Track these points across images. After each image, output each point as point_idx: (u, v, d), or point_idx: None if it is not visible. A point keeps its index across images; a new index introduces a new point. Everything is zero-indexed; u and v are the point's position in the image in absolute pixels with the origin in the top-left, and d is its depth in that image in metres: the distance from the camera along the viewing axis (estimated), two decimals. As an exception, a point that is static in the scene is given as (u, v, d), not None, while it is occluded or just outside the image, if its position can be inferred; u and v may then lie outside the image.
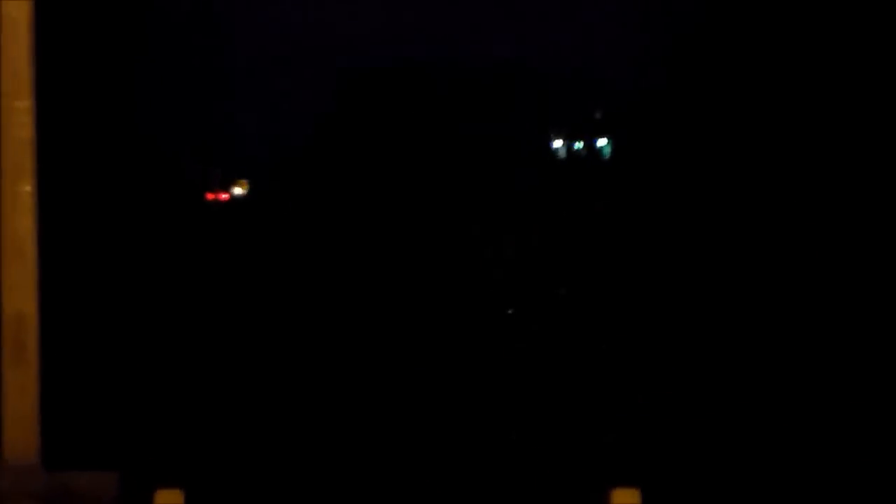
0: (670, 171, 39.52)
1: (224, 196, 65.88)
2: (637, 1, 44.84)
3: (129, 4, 33.92)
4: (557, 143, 62.92)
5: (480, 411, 12.13)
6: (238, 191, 79.04)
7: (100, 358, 13.69)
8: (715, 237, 31.21)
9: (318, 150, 79.23)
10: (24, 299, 4.42)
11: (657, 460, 10.12)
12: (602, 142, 56.26)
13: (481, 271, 27.01)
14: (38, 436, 4.49)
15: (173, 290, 22.26)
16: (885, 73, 28.89)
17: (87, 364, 12.92)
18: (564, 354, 15.81)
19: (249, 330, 16.70)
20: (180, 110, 38.92)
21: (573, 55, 56.85)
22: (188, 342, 15.44)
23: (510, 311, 22.84)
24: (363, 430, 10.72)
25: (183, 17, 39.50)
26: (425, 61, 71.56)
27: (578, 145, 60.10)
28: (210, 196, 54.91)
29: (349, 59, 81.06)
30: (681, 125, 39.29)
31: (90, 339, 14.68)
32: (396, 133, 72.63)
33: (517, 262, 29.55)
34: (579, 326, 18.22)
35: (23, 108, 4.34)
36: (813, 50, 33.80)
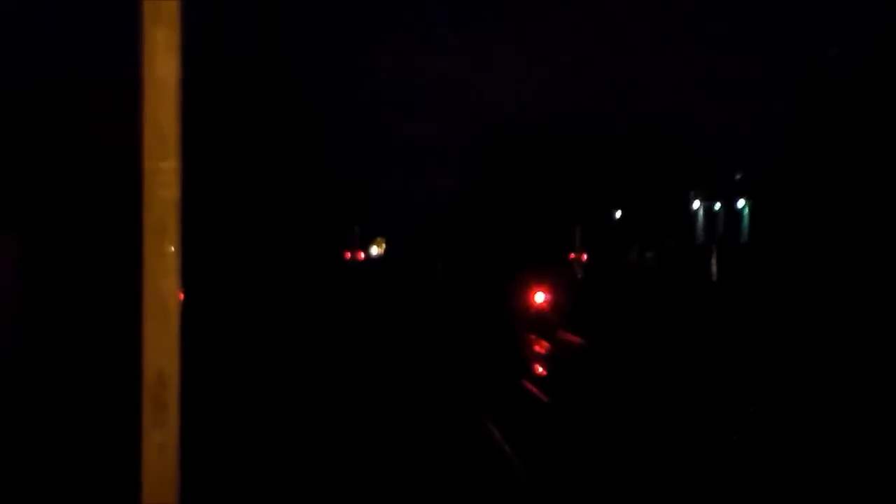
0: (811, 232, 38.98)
1: (360, 255, 66.18)
2: (777, 62, 44.35)
3: (270, 67, 34.51)
4: (696, 204, 62.33)
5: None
6: (375, 250, 79.17)
7: (239, 417, 13.77)
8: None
9: (459, 210, 79.18)
10: (166, 359, 4.43)
11: None
12: (741, 203, 55.60)
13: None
14: (177, 496, 4.48)
15: (309, 348, 22.44)
16: None
17: (227, 424, 13.00)
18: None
19: (384, 392, 16.71)
20: (320, 170, 39.40)
21: (715, 115, 56.47)
22: (324, 400, 15.49)
23: None
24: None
25: (324, 78, 40.04)
26: (566, 119, 71.39)
27: (717, 206, 59.51)
28: (347, 255, 55.35)
29: (491, 120, 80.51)
30: (821, 188, 38.70)
31: (229, 398, 14.80)
32: (535, 192, 72.52)
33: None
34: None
35: (168, 169, 4.36)
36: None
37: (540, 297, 32.33)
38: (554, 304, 32.26)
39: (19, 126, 21.38)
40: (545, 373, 20.91)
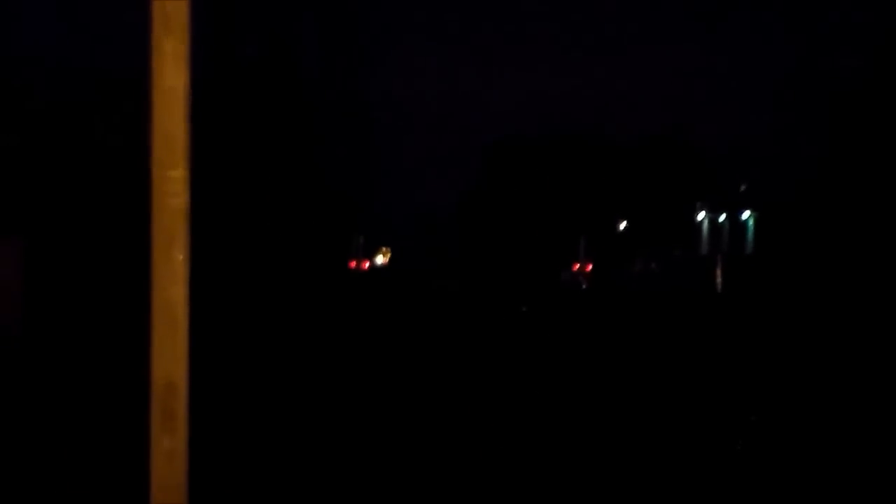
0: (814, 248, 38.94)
1: (365, 264, 66.11)
2: (782, 78, 44.33)
3: (280, 79, 34.57)
4: (701, 215, 62.38)
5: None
6: (380, 259, 79.20)
7: (246, 425, 13.76)
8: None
9: (463, 220, 79.30)
10: (174, 367, 4.44)
11: None
12: (746, 215, 55.59)
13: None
14: (185, 504, 4.49)
15: (319, 355, 22.44)
16: None
17: (235, 431, 12.99)
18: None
19: (399, 397, 16.68)
20: (326, 179, 39.44)
21: (720, 129, 56.53)
22: (335, 408, 15.48)
23: None
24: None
25: (330, 91, 40.09)
26: (572, 132, 71.47)
27: (722, 218, 59.55)
28: (352, 264, 55.30)
29: (497, 130, 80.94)
30: (829, 199, 38.65)
31: (237, 406, 14.80)
32: (539, 203, 72.56)
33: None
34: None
35: (177, 178, 4.37)
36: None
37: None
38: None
39: (23, 128, 21.38)
40: None
